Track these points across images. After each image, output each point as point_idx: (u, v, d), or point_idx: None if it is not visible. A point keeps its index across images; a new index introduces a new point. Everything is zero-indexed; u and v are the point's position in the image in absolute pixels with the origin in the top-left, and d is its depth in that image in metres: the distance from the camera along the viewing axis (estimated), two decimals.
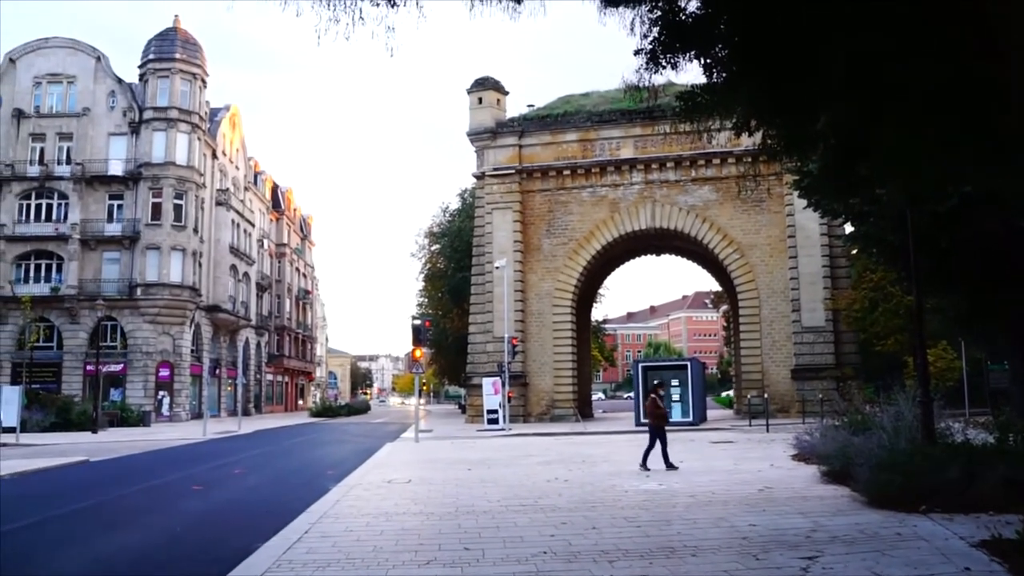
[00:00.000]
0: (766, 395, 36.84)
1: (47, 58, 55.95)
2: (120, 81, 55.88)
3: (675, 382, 36.23)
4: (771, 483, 14.50)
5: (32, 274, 53.63)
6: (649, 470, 17.16)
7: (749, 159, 36.81)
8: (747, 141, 11.21)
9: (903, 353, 37.97)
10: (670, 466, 17.17)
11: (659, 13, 8.75)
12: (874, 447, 12.81)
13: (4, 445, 23.90)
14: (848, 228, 31.18)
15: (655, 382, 21.81)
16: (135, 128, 54.67)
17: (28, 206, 54.06)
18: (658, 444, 17.63)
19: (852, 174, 11.64)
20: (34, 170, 54.09)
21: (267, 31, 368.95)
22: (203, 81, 56.92)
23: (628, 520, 11.05)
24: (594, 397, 68.18)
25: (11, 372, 50.58)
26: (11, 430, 31.65)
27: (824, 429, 17.13)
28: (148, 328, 52.64)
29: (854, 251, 36.67)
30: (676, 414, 34.39)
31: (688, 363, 40.01)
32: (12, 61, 55.85)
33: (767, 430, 30.31)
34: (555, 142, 44.56)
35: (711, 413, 45.41)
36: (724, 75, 9.15)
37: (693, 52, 9.01)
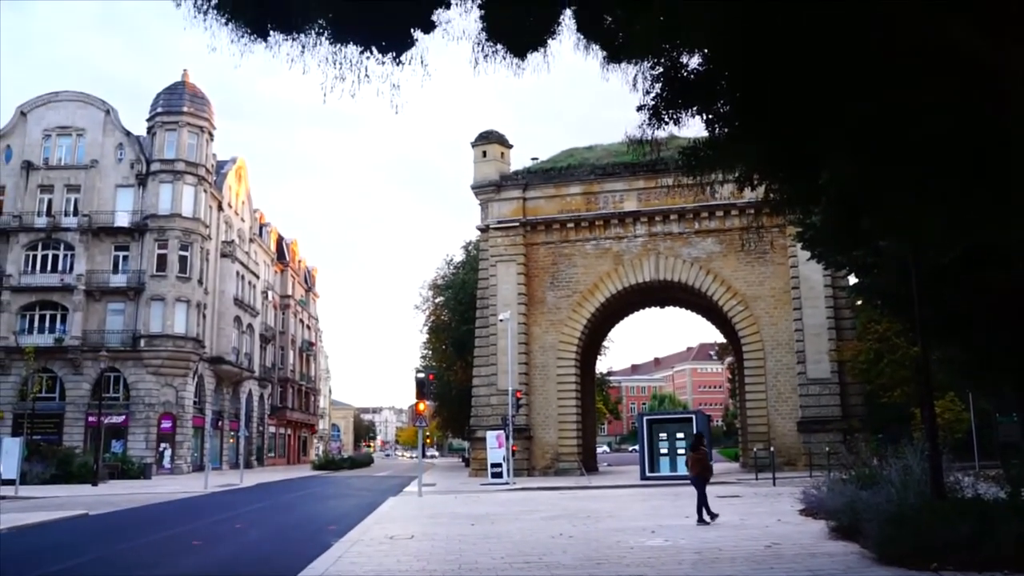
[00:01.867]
0: (772, 448, 36.52)
1: (57, 111, 56.67)
2: (128, 134, 56.49)
3: (680, 435, 35.97)
4: (779, 539, 14.29)
5: (36, 325, 53.66)
6: (709, 521, 16.97)
7: (752, 212, 37.05)
8: (750, 194, 11.27)
9: (910, 404, 37.67)
10: (701, 520, 16.99)
11: (661, 70, 8.85)
12: (883, 502, 12.63)
13: (3, 498, 23.71)
14: (852, 279, 31.23)
15: (696, 433, 21.70)
16: (142, 180, 55.13)
17: (34, 257, 54.34)
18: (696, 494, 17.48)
19: (855, 227, 11.68)
20: (41, 221, 54.45)
21: (274, 86, 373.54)
22: (210, 134, 57.51)
23: None
24: (599, 450, 67.64)
25: (12, 423, 50.35)
26: (11, 482, 31.41)
27: (831, 483, 16.94)
28: (151, 379, 52.50)
29: (859, 302, 36.65)
30: (681, 467, 34.08)
31: (693, 416, 39.76)
32: (23, 114, 56.61)
33: (774, 484, 29.99)
34: (559, 195, 44.79)
35: (717, 466, 44.91)
36: (726, 130, 9.24)
37: (695, 108, 9.11)
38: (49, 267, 54.19)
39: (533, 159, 47.88)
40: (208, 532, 19.51)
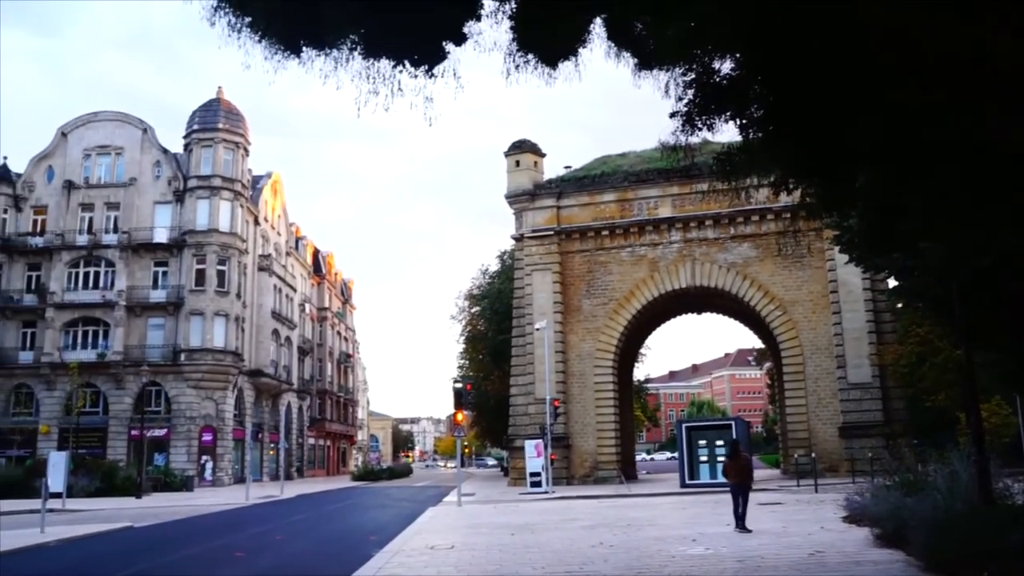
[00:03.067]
0: (813, 454, 36.07)
1: (96, 131, 57.70)
2: (165, 151, 57.35)
3: (719, 442, 35.67)
4: (822, 547, 14.11)
5: (79, 340, 54.61)
6: (751, 529, 16.84)
7: (788, 216, 36.83)
8: (786, 198, 11.17)
9: (954, 408, 37.03)
10: (744, 528, 16.89)
11: (693, 75, 8.81)
12: (929, 509, 12.43)
13: (51, 510, 24.07)
14: (892, 282, 30.82)
15: (732, 440, 21.54)
16: (180, 196, 55.90)
17: (77, 274, 55.35)
18: (734, 501, 17.33)
19: (893, 230, 11.53)
20: (83, 239, 55.46)
21: (306, 102, 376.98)
22: (245, 150, 58.19)
23: None
24: (638, 458, 67.29)
25: (58, 437, 51.20)
26: (58, 495, 31.92)
27: (875, 489, 16.70)
28: (192, 393, 53.11)
29: (899, 305, 36.14)
30: (721, 475, 33.80)
31: (732, 422, 39.47)
32: (64, 135, 57.75)
33: (816, 490, 29.65)
34: (593, 202, 44.71)
35: (757, 473, 44.35)
36: (760, 134, 9.17)
37: (728, 113, 9.05)
38: (91, 284, 55.15)
39: (566, 167, 47.89)
40: (250, 544, 19.66)
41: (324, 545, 19.74)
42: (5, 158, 58.24)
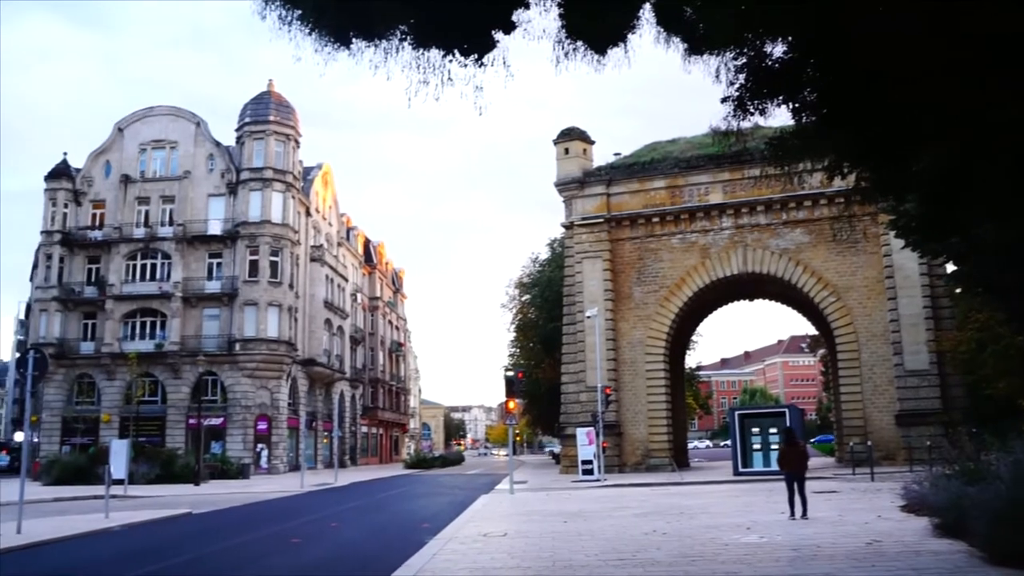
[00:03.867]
0: (869, 442, 35.53)
1: (151, 125, 58.73)
2: (218, 144, 58.17)
3: (773, 429, 35.31)
4: (880, 536, 13.90)
5: (137, 331, 55.80)
6: (809, 518, 16.75)
7: (842, 201, 36.17)
8: (840, 182, 10.98)
9: (1016, 396, 36.20)
10: (793, 514, 16.76)
11: (744, 60, 8.71)
12: (992, 499, 12.12)
13: (114, 497, 24.67)
14: (950, 267, 30.18)
15: (788, 428, 21.37)
16: (232, 189, 56.67)
17: (134, 266, 56.51)
18: (789, 489, 17.20)
19: (951, 214, 11.29)
20: (140, 232, 56.58)
21: (355, 93, 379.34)
22: (296, 142, 58.75)
23: (730, 575, 10.72)
24: (690, 446, 66.90)
25: (119, 426, 52.38)
26: (120, 482, 32.66)
27: (934, 478, 16.37)
28: (247, 382, 53.93)
29: (958, 291, 35.36)
30: (774, 463, 33.45)
31: (786, 410, 38.98)
32: (120, 130, 58.88)
33: (872, 479, 29.23)
34: (643, 189, 44.43)
35: (812, 461, 43.90)
36: (814, 118, 9.03)
37: (781, 97, 8.93)
38: (148, 276, 56.27)
39: (616, 154, 47.60)
40: (306, 530, 19.93)
41: (378, 532, 19.95)
42: (65, 154, 59.54)
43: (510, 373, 33.55)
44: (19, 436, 71.80)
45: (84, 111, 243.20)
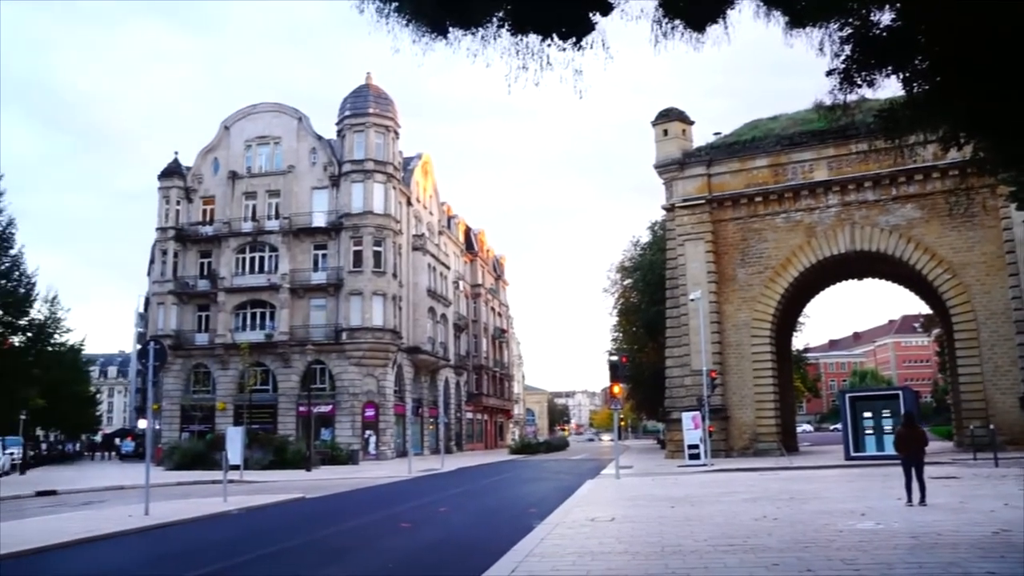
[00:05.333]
0: (992, 426, 34.04)
1: (255, 122, 60.42)
2: (319, 138, 59.43)
3: (886, 413, 34.25)
4: (1008, 525, 13.26)
5: (248, 322, 57.67)
6: (927, 504, 16.29)
7: (957, 173, 34.79)
8: (955, 154, 10.54)
9: None
10: (910, 500, 16.27)
11: (850, 30, 8.43)
12: None
13: (231, 481, 25.59)
14: None
15: (907, 411, 20.77)
16: (335, 181, 57.85)
17: (243, 259, 58.36)
18: (906, 474, 16.71)
19: None
20: (247, 226, 58.37)
21: (449, 83, 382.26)
22: (395, 132, 59.52)
23: (845, 562, 10.43)
24: (799, 429, 65.50)
25: (233, 413, 54.26)
26: (237, 468, 33.88)
27: None
28: (354, 370, 55.11)
29: None
30: (888, 447, 32.44)
31: (900, 392, 37.74)
32: (226, 128, 60.78)
33: (996, 464, 28.04)
34: (744, 169, 43.56)
35: (929, 446, 42.55)
36: (927, 88, 8.68)
37: (890, 67, 8.61)
38: (256, 268, 58.04)
39: (715, 134, 46.79)
40: (415, 515, 20.29)
41: (486, 517, 20.17)
42: (176, 153, 61.87)
43: (614, 358, 33.34)
44: (142, 423, 75.16)
45: (191, 111, 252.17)
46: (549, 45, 8.12)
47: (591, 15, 8.09)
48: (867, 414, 35.49)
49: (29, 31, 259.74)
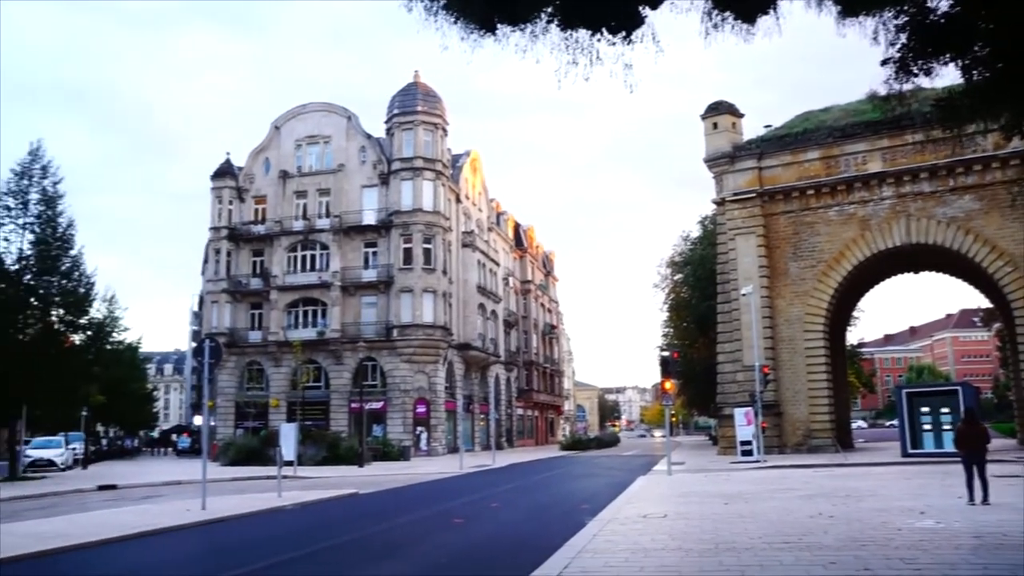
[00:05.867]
0: None
1: (305, 122, 61.05)
2: (369, 137, 59.86)
3: (945, 409, 33.57)
4: None
5: (300, 320, 58.36)
6: (990, 503, 15.90)
7: (1019, 162, 33.94)
8: (1018, 143, 10.29)
9: None
10: (972, 499, 15.92)
11: (906, 18, 8.25)
12: None
13: (285, 477, 25.94)
14: None
15: (968, 407, 20.35)
16: (384, 179, 58.23)
17: (295, 258, 59.05)
18: (967, 472, 16.35)
19: None
20: (298, 225, 59.03)
21: (496, 80, 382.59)
22: (444, 130, 59.72)
23: (905, 562, 10.23)
24: (853, 425, 64.51)
25: (287, 410, 54.94)
26: (291, 463, 34.31)
27: None
28: (405, 367, 55.45)
29: None
30: (947, 444, 31.78)
31: (959, 388, 36.92)
32: (277, 128, 61.51)
33: None
34: (796, 161, 42.95)
35: (991, 442, 41.59)
36: (986, 75, 8.47)
37: (948, 55, 8.42)
38: (308, 266, 58.68)
39: (766, 127, 46.19)
40: (467, 510, 20.37)
41: (538, 513, 20.18)
42: (228, 154, 62.75)
43: (665, 353, 33.18)
44: (198, 420, 76.55)
45: (242, 112, 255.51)
46: (599, 40, 8.08)
47: (641, 9, 8.03)
48: (925, 410, 34.84)
49: (87, 39, 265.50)
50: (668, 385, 31.11)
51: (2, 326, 35.41)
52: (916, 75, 8.70)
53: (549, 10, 7.97)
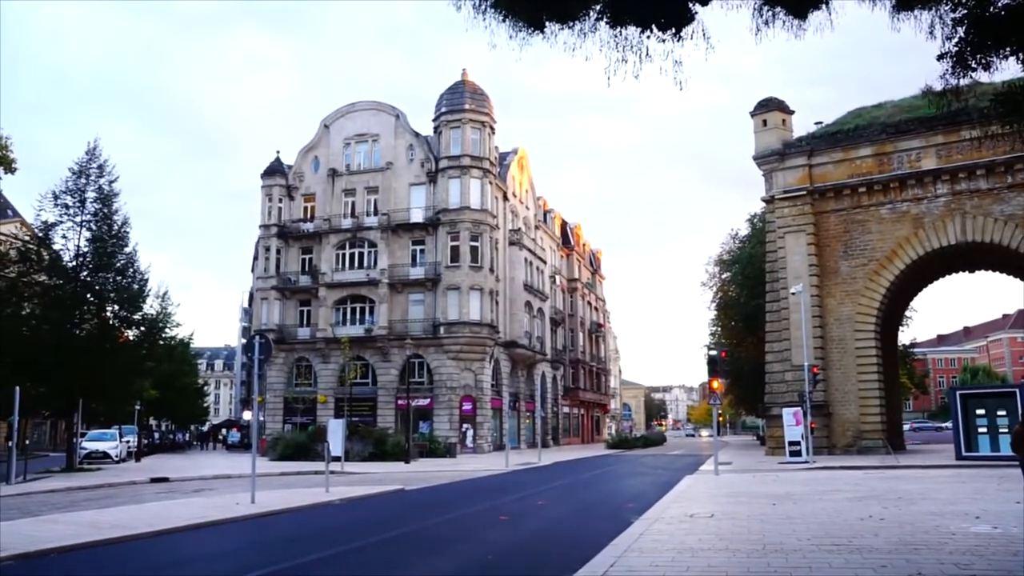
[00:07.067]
0: None
1: (353, 120, 61.62)
2: (416, 135, 60.22)
3: (1001, 412, 32.85)
4: None
5: (348, 317, 58.91)
6: None
7: None
8: None
9: None
10: None
11: (964, 11, 8.09)
12: None
13: (332, 472, 26.19)
14: None
15: None
16: (432, 177, 58.54)
17: (343, 255, 59.63)
18: None
19: None
20: (347, 222, 59.59)
21: (543, 79, 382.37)
22: (491, 128, 59.85)
23: (959, 567, 10.03)
24: (905, 427, 63.46)
25: (334, 406, 55.48)
26: (338, 459, 34.66)
27: None
28: (451, 364, 55.70)
29: None
30: (1004, 447, 31.09)
31: (1016, 389, 36.13)
32: (326, 127, 62.17)
33: None
34: (847, 158, 42.35)
35: None
36: None
37: (1009, 48, 8.24)
38: (356, 264, 59.23)
39: (817, 123, 45.57)
40: (513, 508, 20.40)
41: (584, 511, 20.13)
42: (278, 152, 63.56)
43: (713, 352, 32.92)
44: (247, 415, 77.66)
45: (292, 112, 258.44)
46: (648, 37, 8.03)
47: (691, 5, 7.98)
48: (980, 412, 34.11)
49: (144, 43, 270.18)
50: (716, 384, 30.87)
51: (59, 322, 36.32)
52: (974, 69, 8.53)
53: (598, 7, 7.94)
